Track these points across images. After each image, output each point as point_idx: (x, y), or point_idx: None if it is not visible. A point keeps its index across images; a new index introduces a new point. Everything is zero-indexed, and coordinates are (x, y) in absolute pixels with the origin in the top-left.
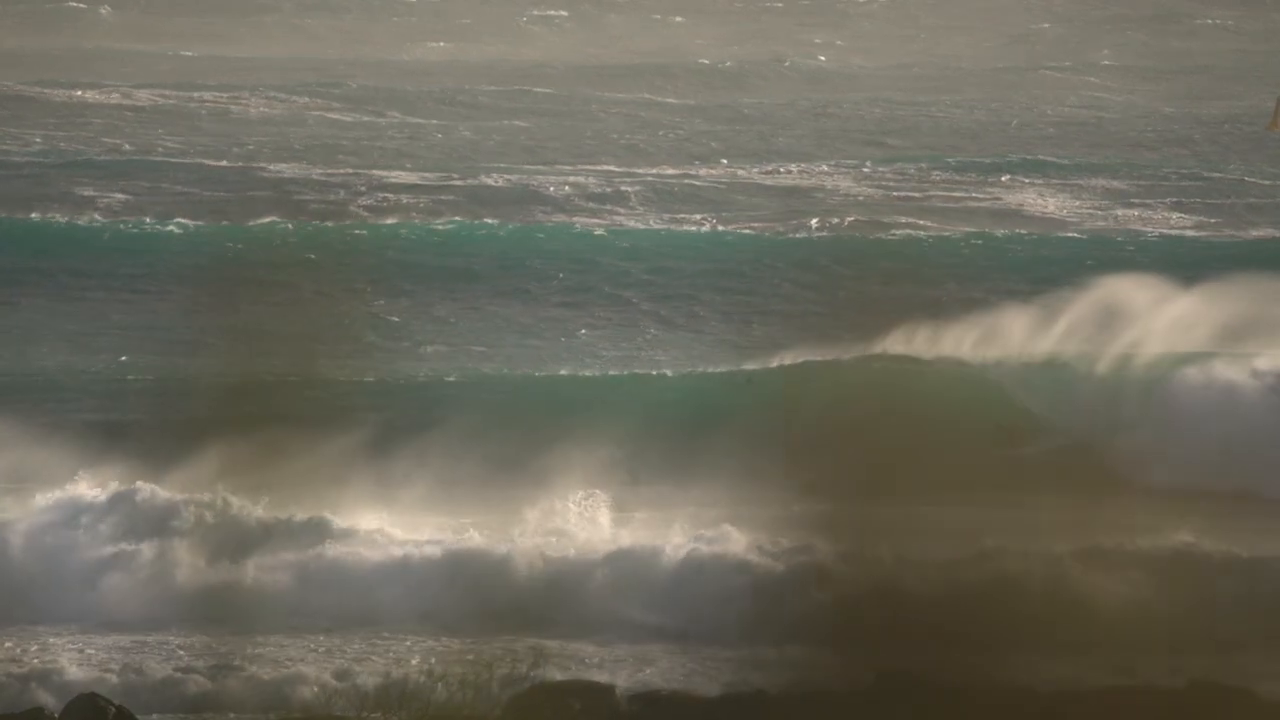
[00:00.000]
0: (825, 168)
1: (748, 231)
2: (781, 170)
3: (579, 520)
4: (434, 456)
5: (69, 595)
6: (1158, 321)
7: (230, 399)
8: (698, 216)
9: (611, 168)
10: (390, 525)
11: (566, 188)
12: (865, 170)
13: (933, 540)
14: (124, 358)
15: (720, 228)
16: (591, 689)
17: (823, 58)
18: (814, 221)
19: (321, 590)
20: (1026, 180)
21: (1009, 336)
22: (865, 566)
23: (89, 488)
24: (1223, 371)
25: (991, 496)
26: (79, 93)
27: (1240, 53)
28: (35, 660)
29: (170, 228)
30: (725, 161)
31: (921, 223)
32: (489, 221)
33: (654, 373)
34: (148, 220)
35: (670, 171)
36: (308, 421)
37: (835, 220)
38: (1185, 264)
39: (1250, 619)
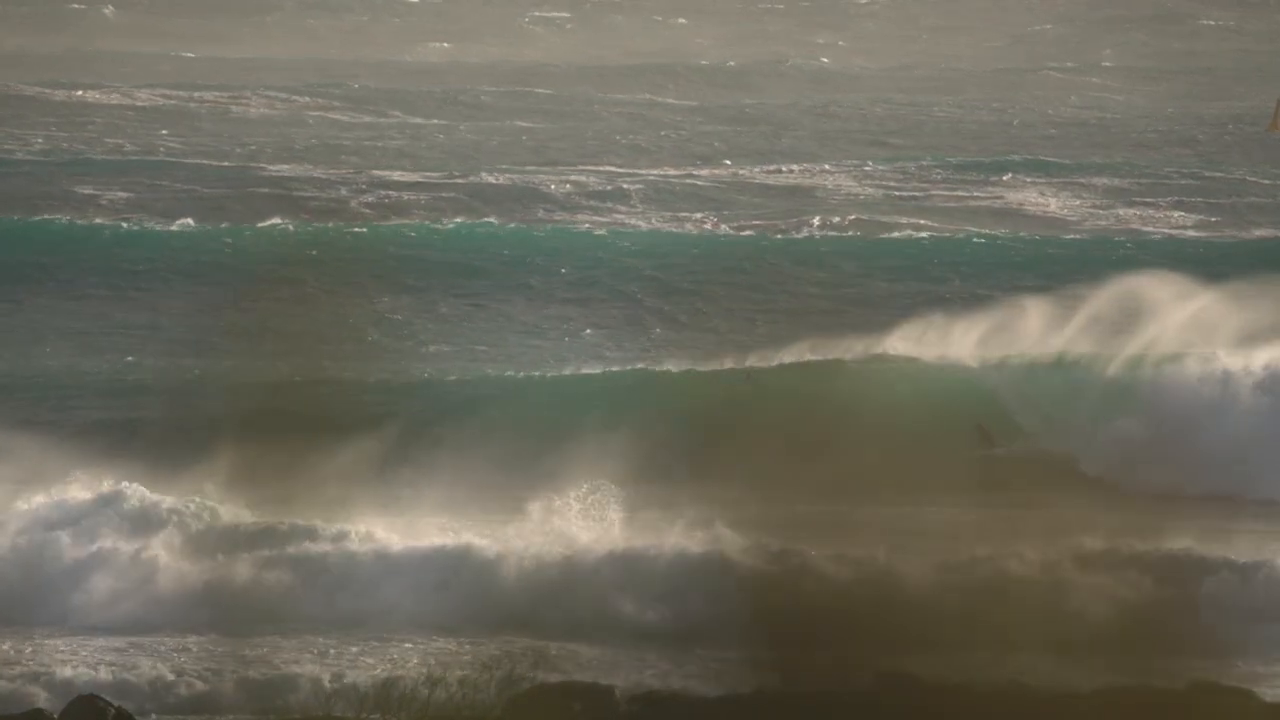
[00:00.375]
0: (827, 167)
1: (750, 231)
2: (784, 170)
3: (579, 521)
4: (433, 457)
5: (67, 597)
6: (1151, 323)
7: (233, 399)
8: (698, 215)
9: (614, 167)
10: (389, 526)
11: (569, 187)
12: (867, 170)
13: (928, 541)
14: (129, 358)
15: (722, 227)
16: (590, 690)
17: (825, 58)
18: (816, 220)
19: (320, 592)
20: (1028, 180)
21: (1005, 336)
22: (860, 568)
23: (88, 490)
24: (1211, 372)
25: (983, 499)
26: (81, 93)
27: (1242, 53)
28: (33, 662)
29: (172, 227)
30: (728, 161)
31: (923, 222)
32: (491, 221)
33: (656, 368)
34: (150, 220)
35: (672, 171)
36: (310, 422)
37: (837, 219)
38: (1187, 264)
39: (1243, 621)
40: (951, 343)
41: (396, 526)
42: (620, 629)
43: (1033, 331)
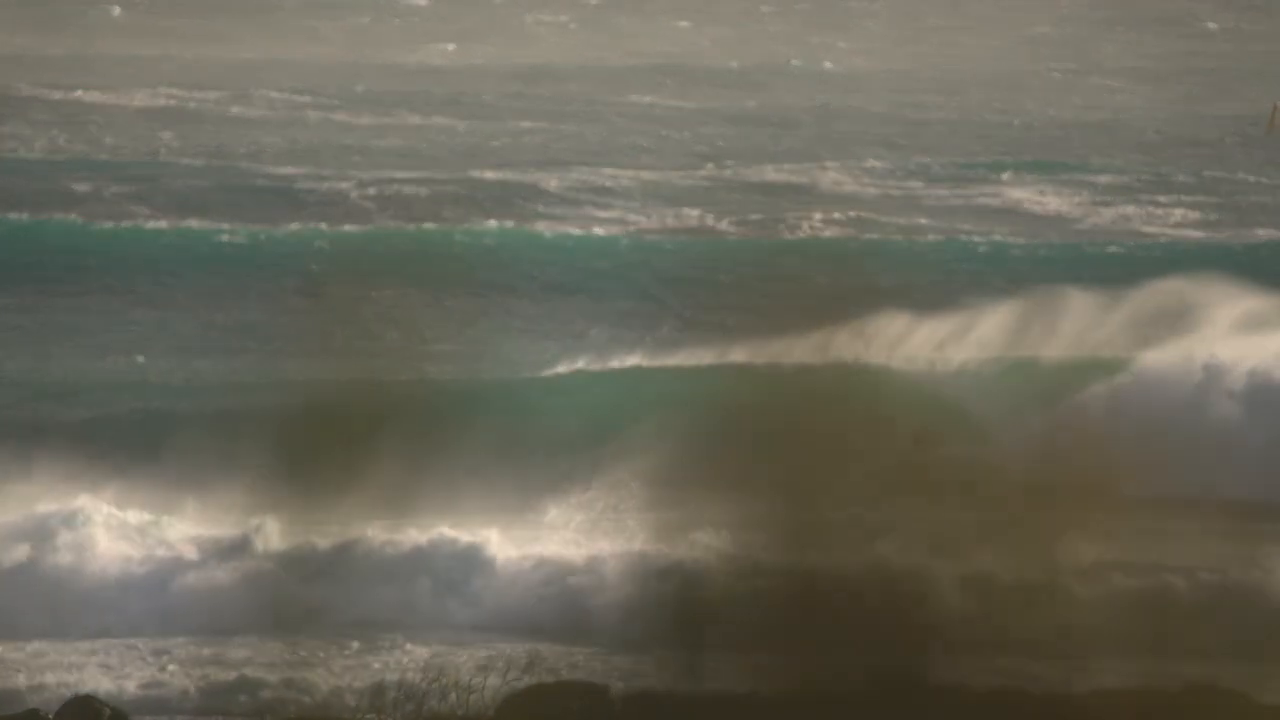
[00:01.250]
0: (830, 167)
1: (752, 231)
2: (786, 169)
3: (576, 521)
4: (431, 457)
5: (62, 599)
6: (1153, 325)
7: (233, 398)
8: (701, 214)
9: (616, 167)
10: (386, 526)
11: (571, 188)
12: (869, 170)
13: (921, 543)
14: (140, 358)
15: (724, 223)
16: (588, 690)
17: (826, 59)
18: (818, 219)
19: (316, 592)
20: (1030, 179)
21: (1002, 337)
22: (856, 569)
23: (81, 493)
24: (1190, 372)
25: (976, 501)
26: (81, 93)
27: (1245, 55)
28: (29, 664)
29: (173, 226)
30: (730, 161)
31: (924, 222)
32: (494, 220)
33: (658, 365)
34: (151, 220)
35: (675, 171)
36: (309, 422)
37: (838, 217)
38: (1187, 264)
39: (1240, 622)
40: (949, 343)
41: (394, 526)
42: (618, 629)
43: (1030, 332)
